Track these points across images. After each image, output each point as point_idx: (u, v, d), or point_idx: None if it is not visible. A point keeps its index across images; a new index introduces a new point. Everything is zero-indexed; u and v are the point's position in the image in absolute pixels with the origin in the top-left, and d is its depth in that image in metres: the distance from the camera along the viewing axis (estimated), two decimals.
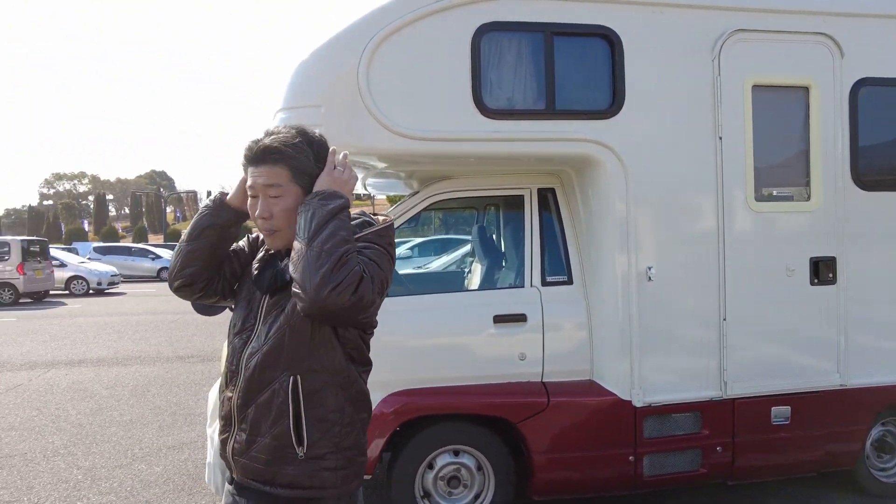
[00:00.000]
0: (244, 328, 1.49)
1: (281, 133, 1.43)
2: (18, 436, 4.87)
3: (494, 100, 2.81)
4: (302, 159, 1.42)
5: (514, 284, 3.18)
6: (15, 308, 14.88)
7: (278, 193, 1.41)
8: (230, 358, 1.49)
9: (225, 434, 1.49)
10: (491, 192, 3.29)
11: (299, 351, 1.40)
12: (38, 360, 7.94)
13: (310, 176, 1.43)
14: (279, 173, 1.40)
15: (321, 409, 1.41)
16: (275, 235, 1.45)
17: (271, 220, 1.42)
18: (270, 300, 1.46)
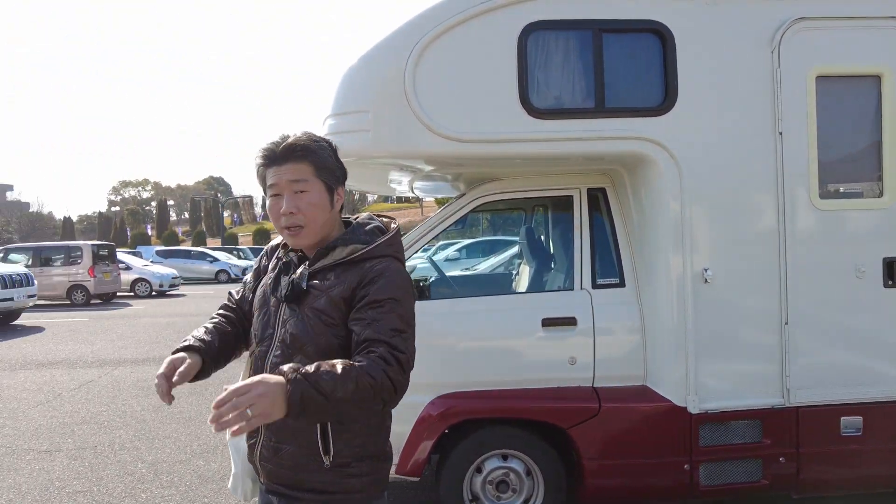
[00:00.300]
0: (264, 338, 1.50)
1: (298, 133, 1.48)
2: (89, 429, 5.14)
3: (542, 99, 2.77)
4: (324, 155, 1.47)
5: (564, 287, 3.12)
6: (86, 308, 15.74)
7: (304, 188, 1.43)
8: (253, 367, 1.51)
9: (252, 440, 1.51)
10: (539, 193, 3.25)
11: (321, 357, 1.39)
12: (107, 358, 8.36)
13: (331, 171, 1.47)
14: (304, 169, 1.43)
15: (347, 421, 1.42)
16: (301, 232, 1.45)
17: (298, 214, 1.43)
18: (288, 309, 1.47)
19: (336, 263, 1.45)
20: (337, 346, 1.43)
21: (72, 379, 7.12)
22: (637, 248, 3.02)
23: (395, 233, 1.53)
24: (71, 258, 16.88)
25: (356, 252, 1.45)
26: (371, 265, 1.44)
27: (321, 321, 1.42)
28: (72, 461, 4.39)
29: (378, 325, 1.36)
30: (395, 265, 1.48)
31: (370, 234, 1.52)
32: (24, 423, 5.35)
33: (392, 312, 1.39)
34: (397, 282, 1.45)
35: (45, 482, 4.01)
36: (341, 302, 1.42)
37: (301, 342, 1.42)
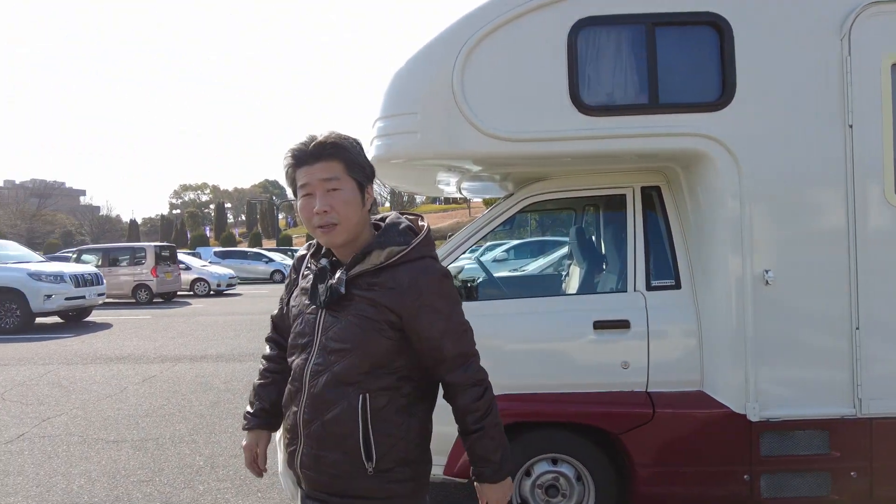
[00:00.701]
0: (303, 345, 1.50)
1: (326, 132, 1.48)
2: (151, 422, 5.37)
3: (593, 96, 2.71)
4: (354, 153, 1.47)
5: (616, 289, 3.04)
6: (149, 307, 16.50)
7: (337, 186, 1.43)
8: (293, 375, 1.52)
9: (292, 447, 1.51)
10: (589, 192, 3.17)
11: (368, 371, 1.43)
12: (168, 355, 8.73)
13: (361, 169, 1.48)
14: (335, 167, 1.43)
15: (388, 426, 1.43)
16: (335, 231, 1.44)
17: (331, 213, 1.42)
18: (329, 315, 1.46)
19: (376, 269, 1.44)
20: (385, 349, 1.44)
21: (136, 373, 7.46)
22: (693, 249, 2.91)
23: (427, 231, 1.55)
24: (136, 259, 17.74)
25: (394, 255, 1.45)
26: (413, 268, 1.45)
27: (369, 326, 1.42)
28: (136, 451, 4.59)
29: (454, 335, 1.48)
30: (435, 264, 1.51)
31: (404, 234, 1.51)
32: (94, 414, 5.64)
33: (454, 314, 1.49)
34: (445, 282, 1.49)
35: (112, 470, 4.21)
36: (388, 309, 1.42)
37: (347, 349, 1.43)
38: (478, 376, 1.50)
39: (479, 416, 1.48)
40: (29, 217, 59.79)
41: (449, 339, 1.46)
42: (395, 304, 1.42)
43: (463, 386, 1.48)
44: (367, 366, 1.42)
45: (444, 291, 1.48)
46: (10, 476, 4.17)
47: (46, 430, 5.21)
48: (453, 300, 1.50)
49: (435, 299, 1.44)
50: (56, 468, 4.28)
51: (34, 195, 65.77)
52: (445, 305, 1.47)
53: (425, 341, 1.45)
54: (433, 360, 1.48)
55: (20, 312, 11.44)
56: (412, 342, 1.46)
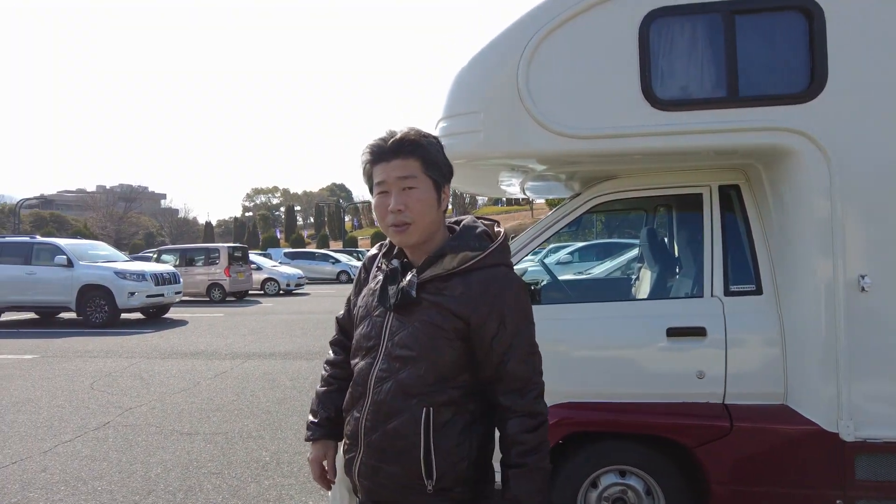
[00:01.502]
0: (369, 348, 1.45)
1: (406, 129, 1.44)
2: (222, 417, 5.57)
3: (666, 90, 2.57)
4: (433, 151, 1.43)
5: (691, 294, 2.87)
6: (222, 305, 17.25)
7: (413, 185, 1.39)
8: (356, 379, 1.47)
9: (351, 453, 1.47)
10: (662, 191, 3.01)
11: (433, 383, 1.37)
12: (239, 352, 9.07)
13: (439, 168, 1.43)
14: (412, 165, 1.39)
15: (451, 443, 1.37)
16: (408, 230, 1.40)
17: (405, 212, 1.38)
18: (396, 319, 1.41)
19: (448, 273, 1.39)
20: (451, 360, 1.38)
21: (209, 369, 7.79)
22: (777, 252, 2.71)
23: (505, 237, 1.48)
24: (210, 259, 18.61)
25: (468, 261, 1.39)
26: (487, 275, 1.39)
27: (436, 334, 1.36)
28: (207, 444, 4.77)
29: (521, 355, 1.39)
30: (511, 274, 1.44)
31: (479, 238, 1.44)
32: (171, 407, 5.91)
33: (525, 332, 1.41)
34: (521, 295, 1.42)
35: (186, 461, 4.38)
36: (456, 316, 1.36)
37: (412, 356, 1.37)
38: (536, 407, 1.40)
39: (526, 450, 1.37)
40: (117, 219, 64.06)
41: (514, 358, 1.38)
42: (463, 312, 1.36)
43: (517, 412, 1.38)
44: (433, 377, 1.37)
45: (519, 305, 1.41)
46: (96, 461, 4.42)
47: (128, 419, 5.51)
48: (527, 317, 1.43)
49: (507, 311, 1.38)
50: (136, 456, 4.51)
51: (122, 199, 70.37)
52: (517, 320, 1.39)
53: (488, 354, 1.38)
54: (492, 377, 1.40)
55: (108, 308, 12.22)
56: (475, 353, 1.40)
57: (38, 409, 5.93)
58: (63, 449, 4.71)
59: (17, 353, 9.17)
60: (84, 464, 4.38)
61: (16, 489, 3.95)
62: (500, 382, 1.39)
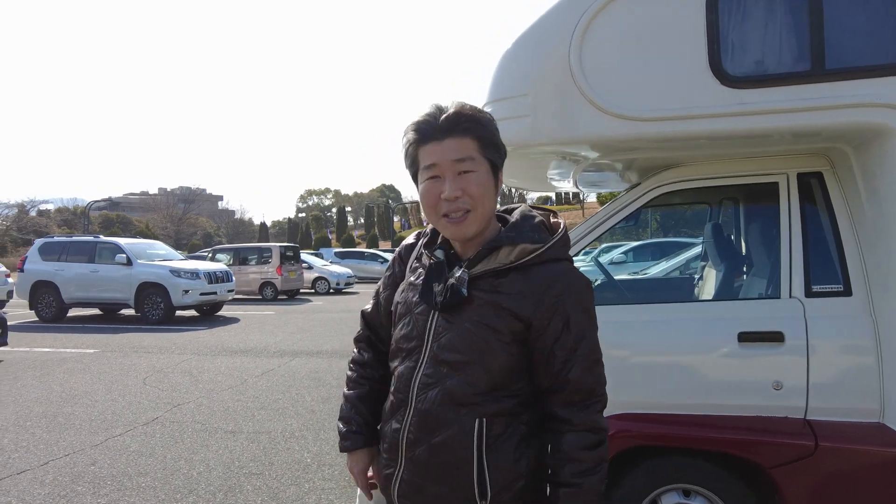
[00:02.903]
0: (410, 350, 1.28)
1: (461, 104, 1.25)
2: (266, 415, 5.53)
3: (738, 65, 2.28)
4: (491, 129, 1.26)
5: (765, 295, 2.57)
6: (274, 303, 17.55)
7: (471, 167, 1.21)
8: (397, 385, 1.30)
9: (389, 469, 1.30)
10: (730, 180, 2.71)
11: (485, 391, 1.21)
12: (286, 349, 9.11)
13: (497, 148, 1.27)
14: (469, 145, 1.22)
15: (506, 458, 1.19)
16: (467, 220, 1.23)
17: (463, 197, 1.21)
18: (442, 319, 1.25)
19: (504, 268, 1.23)
20: (506, 366, 1.21)
21: (256, 366, 7.83)
22: (869, 248, 2.37)
23: (565, 229, 1.32)
24: (263, 258, 18.98)
25: (527, 254, 1.23)
26: (550, 271, 1.23)
27: (490, 337, 1.20)
28: (250, 444, 4.72)
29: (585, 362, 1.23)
30: (575, 270, 1.28)
31: (538, 230, 1.28)
32: (217, 404, 5.94)
33: (590, 336, 1.25)
34: (587, 294, 1.26)
35: (228, 460, 4.34)
36: (515, 316, 1.20)
37: (462, 361, 1.21)
38: (598, 423, 1.23)
39: (582, 470, 1.19)
40: (177, 220, 66.70)
41: (577, 365, 1.22)
42: (523, 311, 1.20)
43: (576, 427, 1.21)
44: (486, 384, 1.21)
45: (585, 305, 1.25)
46: (143, 456, 4.43)
47: (176, 415, 5.55)
48: (592, 319, 1.27)
49: (572, 311, 1.22)
50: (180, 453, 4.50)
51: (181, 201, 73.24)
52: (583, 322, 1.24)
53: (549, 360, 1.22)
54: (549, 385, 1.24)
55: (163, 306, 12.59)
56: (533, 358, 1.24)
57: (94, 402, 6.06)
58: (113, 443, 4.77)
59: (81, 347, 9.52)
60: (131, 459, 4.40)
61: (66, 482, 3.99)
62: (560, 393, 1.22)
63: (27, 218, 52.91)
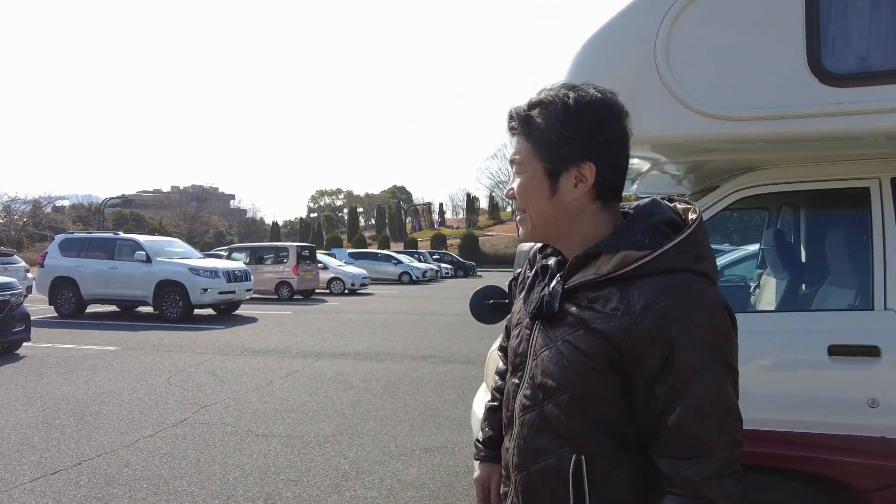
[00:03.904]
0: (516, 366, 1.20)
1: (538, 95, 1.15)
2: (297, 418, 5.43)
3: (839, 61, 2.14)
4: (547, 124, 1.08)
5: (855, 305, 2.42)
6: (290, 303, 17.50)
7: (520, 170, 1.15)
8: (506, 402, 1.24)
9: (505, 488, 1.23)
10: (816, 185, 2.57)
11: (582, 424, 1.04)
12: (309, 350, 9.02)
13: (554, 150, 1.09)
14: (520, 146, 1.15)
15: (612, 501, 1.04)
16: (521, 220, 1.19)
17: (516, 198, 1.17)
18: (541, 333, 1.13)
19: (600, 280, 1.05)
20: (605, 399, 1.03)
21: (280, 367, 7.74)
22: None
23: (693, 229, 1.05)
24: (279, 257, 18.95)
25: (628, 263, 1.02)
26: (657, 285, 1.00)
27: (579, 362, 1.03)
28: (283, 448, 4.61)
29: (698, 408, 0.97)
30: (697, 285, 1.01)
31: (652, 232, 1.06)
32: (245, 406, 5.84)
33: (711, 374, 0.98)
34: (707, 319, 0.99)
35: (263, 466, 4.23)
36: (606, 340, 1.01)
37: (554, 386, 1.07)
38: (703, 490, 0.96)
39: None
40: (189, 218, 67.06)
41: (684, 409, 0.96)
42: (613, 333, 1.00)
43: (676, 486, 0.97)
44: (581, 417, 1.04)
45: (702, 333, 0.98)
46: (175, 459, 4.34)
47: (204, 417, 5.46)
48: (714, 354, 0.98)
49: (679, 340, 0.96)
50: (214, 457, 4.40)
51: (194, 199, 73.65)
52: (696, 356, 0.97)
53: (646, 400, 1.01)
54: (648, 427, 1.02)
55: (182, 304, 12.55)
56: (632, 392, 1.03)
57: (121, 401, 5.99)
58: (144, 444, 4.68)
59: (102, 344, 9.48)
60: (164, 461, 4.31)
61: (101, 483, 3.90)
62: (659, 439, 1.00)
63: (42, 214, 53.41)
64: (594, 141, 1.08)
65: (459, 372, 7.51)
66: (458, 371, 7.57)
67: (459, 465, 4.27)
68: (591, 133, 1.08)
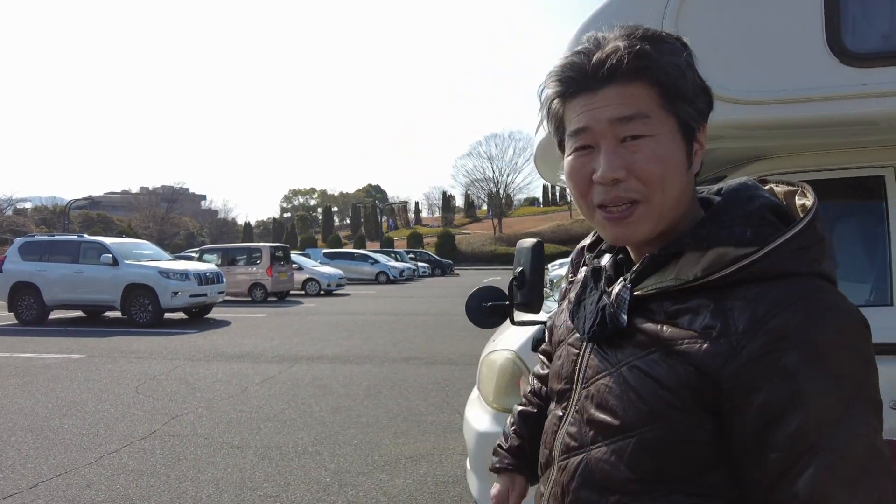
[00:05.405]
0: (561, 393, 0.92)
1: (627, 30, 0.80)
2: (274, 427, 5.16)
3: (861, 40, 1.99)
4: (678, 65, 0.78)
5: (871, 301, 2.29)
6: (264, 305, 17.08)
7: (643, 131, 0.77)
8: (544, 434, 0.96)
9: None
10: (828, 173, 2.43)
11: (648, 479, 0.76)
12: (285, 354, 8.72)
13: (691, 96, 0.79)
14: (640, 94, 0.77)
15: None
16: (631, 215, 0.79)
17: (629, 180, 0.78)
18: (595, 354, 0.86)
19: (685, 288, 0.77)
20: (684, 443, 0.74)
21: (255, 373, 7.44)
22: None
23: (811, 217, 0.76)
24: (252, 259, 18.50)
25: (725, 265, 0.75)
26: (768, 296, 0.72)
27: (653, 396, 0.76)
28: (260, 460, 4.35)
29: (837, 472, 0.66)
30: (825, 294, 0.72)
31: (756, 221, 0.78)
32: (219, 415, 5.55)
33: (855, 423, 0.67)
34: (844, 342, 0.70)
35: (239, 480, 3.97)
36: (696, 368, 0.73)
37: (612, 424, 0.79)
38: None
39: None
40: (159, 220, 65.56)
41: (817, 472, 0.66)
42: (708, 362, 0.72)
43: None
44: (647, 469, 0.76)
45: (843, 363, 0.69)
46: (143, 476, 4.05)
47: (175, 428, 5.16)
48: (855, 391, 0.68)
49: (805, 372, 0.67)
50: (185, 472, 4.12)
51: (164, 200, 72.00)
52: (831, 395, 0.68)
53: (754, 449, 0.70)
54: (758, 495, 0.71)
55: (151, 308, 12.09)
56: (732, 441, 0.73)
57: (84, 413, 5.64)
58: (109, 461, 4.37)
59: (65, 352, 9.03)
60: (131, 479, 4.01)
61: None
62: None
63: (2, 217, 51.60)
64: (710, 99, 0.83)
65: (442, 374, 7.31)
66: (441, 373, 7.37)
67: (447, 475, 4.07)
68: (705, 88, 0.83)
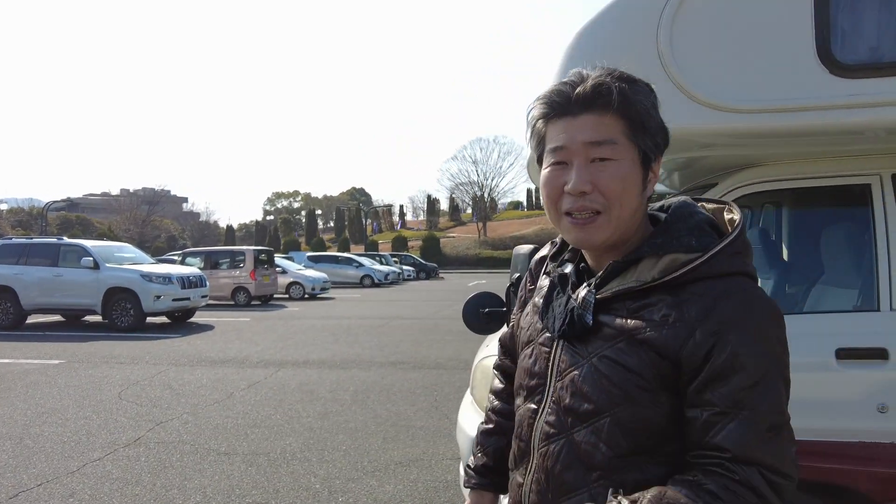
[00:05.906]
0: (532, 388, 1.04)
1: (608, 70, 0.97)
2: (261, 434, 5.11)
3: (850, 51, 2.04)
4: (646, 106, 0.96)
5: (860, 307, 2.34)
6: (248, 309, 16.91)
7: (610, 155, 0.93)
8: (518, 430, 1.06)
9: None
10: (816, 181, 2.48)
11: (623, 453, 0.91)
12: (271, 359, 8.64)
13: (651, 133, 0.96)
14: (612, 125, 0.94)
15: None
16: (593, 223, 0.95)
17: (593, 193, 0.93)
18: (567, 352, 0.99)
19: (646, 288, 0.93)
20: (652, 422, 0.91)
21: (241, 378, 7.36)
22: None
23: (740, 230, 0.96)
24: (235, 262, 18.33)
25: (679, 267, 0.92)
26: (713, 290, 0.90)
27: (623, 380, 0.91)
28: (248, 467, 4.31)
29: (741, 422, 0.85)
30: (755, 290, 0.94)
31: (698, 232, 0.96)
32: (204, 421, 5.48)
33: (763, 390, 0.87)
34: (770, 328, 0.90)
35: (227, 488, 3.93)
36: (658, 353, 0.90)
37: (588, 411, 0.93)
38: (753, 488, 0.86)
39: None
40: (140, 222, 64.64)
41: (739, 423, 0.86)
42: (668, 345, 0.89)
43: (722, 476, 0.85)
44: (622, 445, 0.91)
45: (767, 343, 0.89)
46: (128, 485, 3.98)
47: (160, 434, 5.09)
48: (777, 363, 0.90)
49: (742, 346, 0.87)
50: (171, 480, 4.06)
51: (145, 202, 70.98)
52: (759, 364, 0.87)
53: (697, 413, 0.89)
54: (689, 441, 0.90)
55: (133, 312, 11.92)
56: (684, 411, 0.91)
57: (65, 420, 5.54)
58: (92, 469, 4.29)
59: (44, 357, 8.86)
60: (115, 488, 3.95)
61: None
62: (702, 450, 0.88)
63: None
64: (666, 138, 1.01)
65: (430, 378, 7.30)
66: (429, 377, 7.36)
67: (437, 480, 4.06)
68: (664, 130, 1.00)
